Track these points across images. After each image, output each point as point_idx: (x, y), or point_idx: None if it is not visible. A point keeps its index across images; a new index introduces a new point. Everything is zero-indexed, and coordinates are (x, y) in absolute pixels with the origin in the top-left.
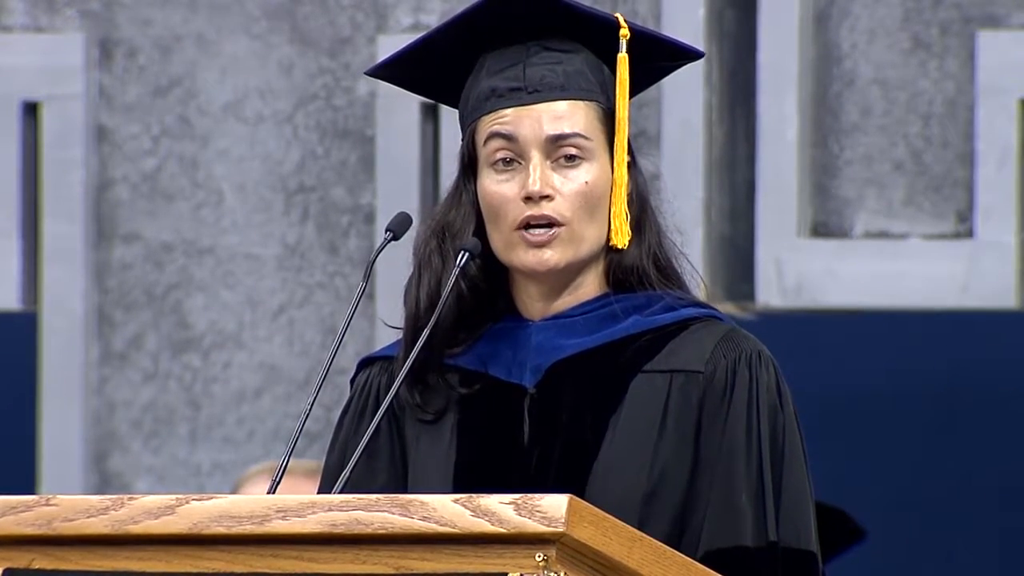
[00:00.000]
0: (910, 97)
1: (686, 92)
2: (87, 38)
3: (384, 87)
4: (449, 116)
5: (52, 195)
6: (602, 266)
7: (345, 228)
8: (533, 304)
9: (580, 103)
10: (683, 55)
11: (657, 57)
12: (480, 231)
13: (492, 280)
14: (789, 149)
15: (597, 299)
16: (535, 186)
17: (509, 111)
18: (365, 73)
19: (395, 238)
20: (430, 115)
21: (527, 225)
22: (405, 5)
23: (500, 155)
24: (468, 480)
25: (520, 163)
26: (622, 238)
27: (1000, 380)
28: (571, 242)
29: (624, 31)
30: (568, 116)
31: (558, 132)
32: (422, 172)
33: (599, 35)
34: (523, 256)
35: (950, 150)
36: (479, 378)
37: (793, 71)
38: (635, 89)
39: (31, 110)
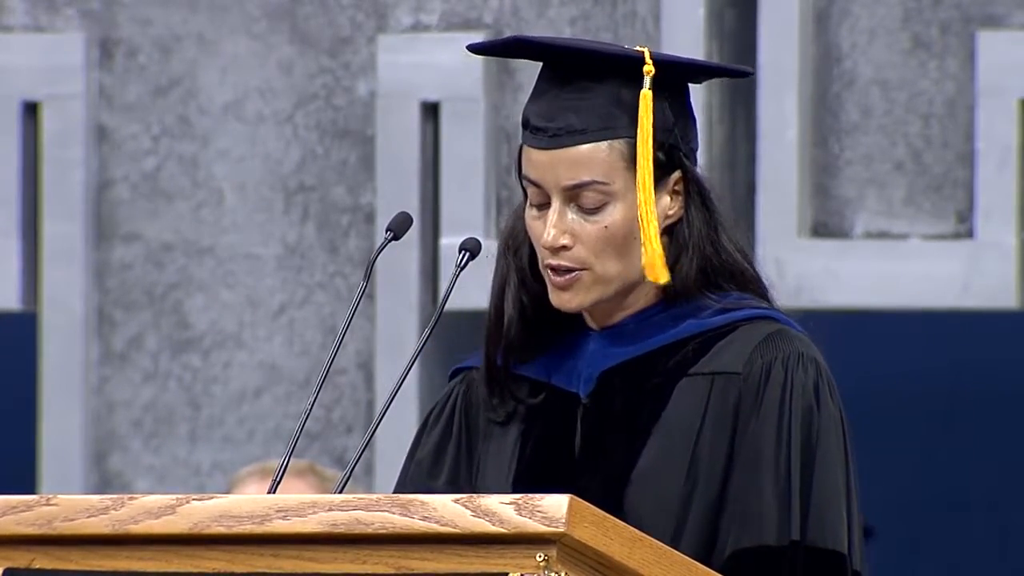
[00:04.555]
0: (910, 97)
1: None
2: (87, 38)
3: (384, 87)
4: (449, 116)
5: (52, 195)
6: None
7: (345, 228)
8: (593, 316)
9: (602, 144)
10: (727, 72)
11: (696, 75)
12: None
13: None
14: (789, 149)
15: (652, 307)
16: (548, 238)
17: (536, 153)
18: (467, 47)
19: (395, 238)
20: (430, 115)
21: (551, 269)
22: (405, 5)
23: (534, 200)
24: (524, 490)
25: (547, 204)
26: (657, 274)
27: (1000, 380)
28: (595, 284)
29: (648, 67)
30: (586, 162)
31: (575, 182)
32: (422, 172)
33: (634, 65)
34: (551, 294)
35: (950, 150)
36: (543, 388)
37: (793, 71)
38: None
39: (31, 110)
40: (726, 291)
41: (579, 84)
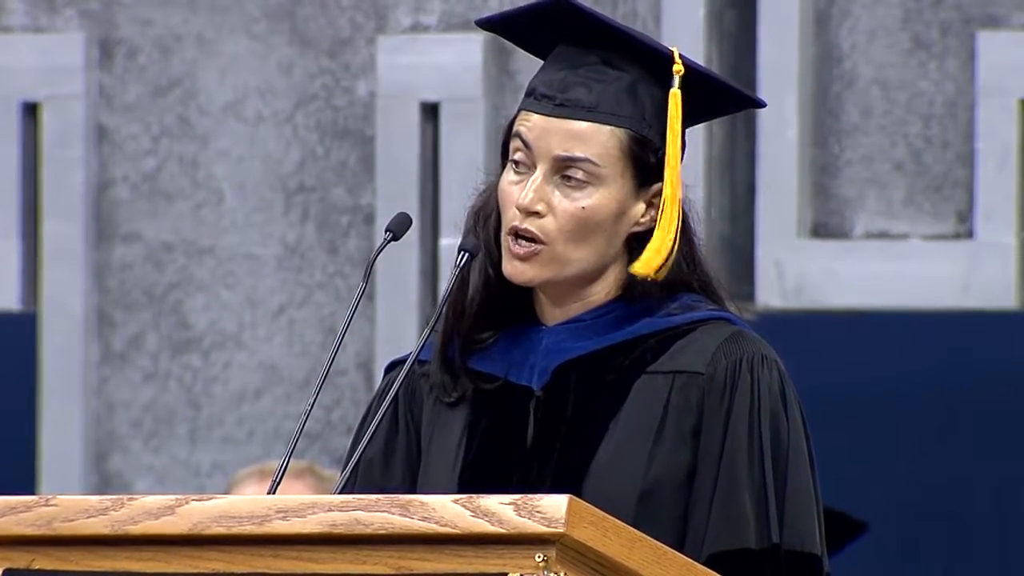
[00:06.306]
0: (910, 97)
1: None
2: (87, 38)
3: (384, 87)
4: (449, 117)
5: (52, 195)
6: (615, 274)
7: (345, 228)
8: (547, 309)
9: (604, 127)
10: (743, 101)
11: (713, 98)
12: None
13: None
14: (789, 149)
15: (609, 303)
16: (524, 200)
17: (536, 117)
18: (476, 22)
19: (395, 238)
20: (430, 115)
21: (516, 234)
22: (405, 5)
23: (516, 156)
24: (473, 479)
25: (530, 169)
26: (648, 269)
27: (1000, 380)
28: (552, 262)
29: (678, 67)
30: (585, 138)
31: (568, 154)
32: (422, 172)
33: (658, 63)
34: (506, 263)
35: (950, 150)
36: (492, 379)
37: (793, 71)
38: (687, 122)
39: (31, 110)
40: (686, 284)
41: (598, 64)
